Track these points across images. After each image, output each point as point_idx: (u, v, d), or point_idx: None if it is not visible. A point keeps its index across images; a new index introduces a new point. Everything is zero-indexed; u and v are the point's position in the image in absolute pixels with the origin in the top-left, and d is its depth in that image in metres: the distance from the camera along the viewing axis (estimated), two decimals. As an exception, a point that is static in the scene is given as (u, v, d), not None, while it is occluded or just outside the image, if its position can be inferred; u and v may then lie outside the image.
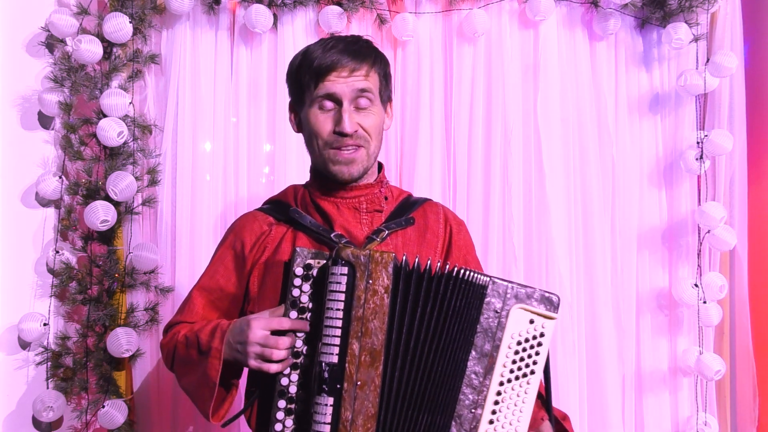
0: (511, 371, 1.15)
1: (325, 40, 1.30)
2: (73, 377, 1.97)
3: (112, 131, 1.94)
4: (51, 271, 1.99)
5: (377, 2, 2.14)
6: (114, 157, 2.00)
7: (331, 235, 1.27)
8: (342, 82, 1.25)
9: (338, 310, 1.10)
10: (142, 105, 2.12)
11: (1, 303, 2.01)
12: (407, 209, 1.38)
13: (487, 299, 1.14)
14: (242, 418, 1.31)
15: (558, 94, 2.19)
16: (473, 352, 1.14)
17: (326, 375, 1.09)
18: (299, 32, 2.13)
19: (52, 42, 2.04)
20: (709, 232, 2.16)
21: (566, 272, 2.14)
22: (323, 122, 1.27)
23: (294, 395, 1.14)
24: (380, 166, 1.40)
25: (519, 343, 1.15)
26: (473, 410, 1.14)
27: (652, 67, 2.28)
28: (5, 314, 2.01)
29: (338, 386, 1.09)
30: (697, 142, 2.18)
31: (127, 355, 1.95)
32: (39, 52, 2.05)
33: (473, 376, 1.14)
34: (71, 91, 1.99)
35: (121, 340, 1.92)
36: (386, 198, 1.37)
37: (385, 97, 1.35)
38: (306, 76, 1.27)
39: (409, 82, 2.17)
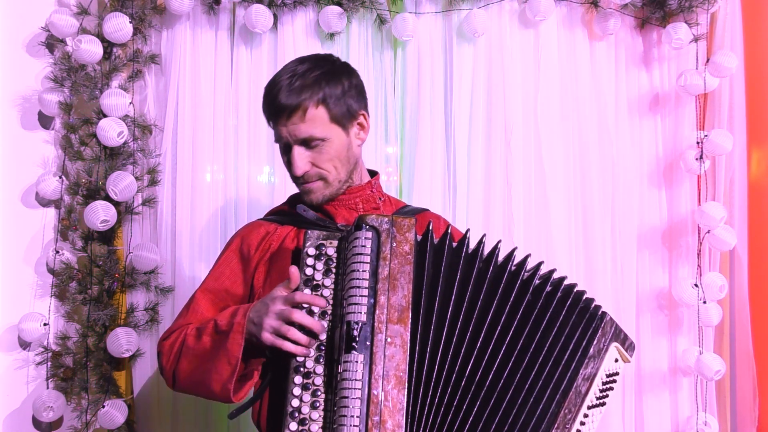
0: (597, 398, 1.22)
1: (271, 81, 1.31)
2: (73, 377, 1.98)
3: (112, 131, 1.94)
4: (51, 271, 1.99)
5: (377, 2, 2.14)
6: (114, 157, 2.00)
7: (338, 225, 1.29)
8: (284, 127, 1.29)
9: (364, 271, 1.12)
10: (142, 105, 2.12)
11: (1, 303, 2.01)
12: (407, 214, 1.42)
13: (600, 331, 1.21)
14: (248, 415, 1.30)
15: (558, 94, 2.19)
16: (581, 371, 1.18)
17: (355, 333, 1.09)
18: (299, 32, 2.13)
19: (52, 42, 2.04)
20: (709, 232, 2.16)
21: (566, 272, 2.12)
22: (287, 164, 1.34)
23: (312, 370, 1.13)
24: (373, 173, 1.44)
25: (607, 375, 1.23)
26: (568, 426, 1.17)
27: (652, 67, 2.28)
28: (5, 314, 2.01)
29: (368, 343, 1.10)
30: (697, 142, 2.18)
31: (127, 355, 1.95)
32: (39, 52, 2.05)
33: (575, 394, 1.17)
34: (71, 91, 1.99)
35: (121, 340, 1.92)
36: (381, 199, 1.41)
37: (345, 118, 1.31)
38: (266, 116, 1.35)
39: (409, 82, 2.17)
